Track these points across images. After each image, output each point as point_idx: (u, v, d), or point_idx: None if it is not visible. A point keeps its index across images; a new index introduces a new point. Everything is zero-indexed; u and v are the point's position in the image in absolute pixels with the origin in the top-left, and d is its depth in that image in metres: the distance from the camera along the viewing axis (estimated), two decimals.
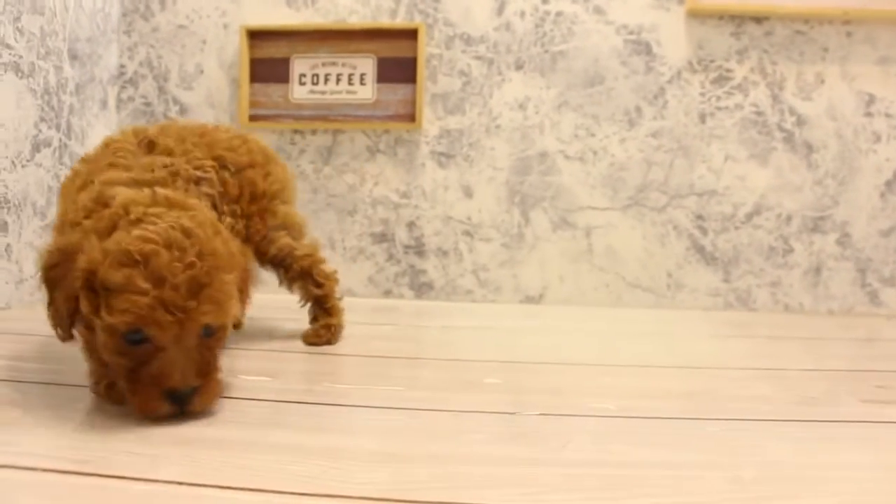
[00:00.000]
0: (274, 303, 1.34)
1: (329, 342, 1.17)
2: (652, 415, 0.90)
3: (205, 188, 0.99)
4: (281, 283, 1.20)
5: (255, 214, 1.12)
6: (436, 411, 0.89)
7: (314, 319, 1.21)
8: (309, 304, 1.21)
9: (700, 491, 0.68)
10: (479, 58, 1.67)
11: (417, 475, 0.69)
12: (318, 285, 1.19)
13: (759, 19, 1.62)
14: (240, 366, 1.05)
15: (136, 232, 0.73)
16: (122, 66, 1.78)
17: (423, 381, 1.03)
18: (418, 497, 0.64)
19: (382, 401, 0.92)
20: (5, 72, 1.39)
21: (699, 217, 1.66)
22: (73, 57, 1.61)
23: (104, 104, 1.74)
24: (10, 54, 1.40)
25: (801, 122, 1.63)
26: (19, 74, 1.43)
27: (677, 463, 0.74)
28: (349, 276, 1.71)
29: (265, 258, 1.17)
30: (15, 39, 1.41)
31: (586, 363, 1.16)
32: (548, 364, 1.14)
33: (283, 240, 1.17)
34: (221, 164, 1.06)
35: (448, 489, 0.66)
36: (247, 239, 1.10)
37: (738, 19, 1.63)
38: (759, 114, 1.64)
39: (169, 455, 0.70)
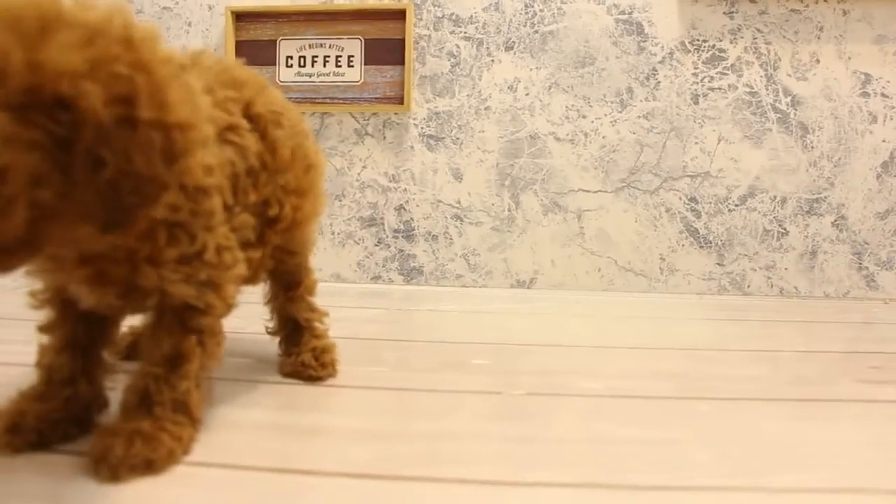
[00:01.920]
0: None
1: (333, 373, 0.92)
2: (641, 394, 0.88)
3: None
4: (275, 299, 0.94)
5: (309, 191, 0.84)
6: (422, 391, 0.87)
7: (294, 345, 0.93)
8: (285, 333, 0.95)
9: (688, 466, 0.66)
10: (468, 38, 1.64)
11: (402, 451, 0.68)
12: (314, 311, 0.96)
13: None
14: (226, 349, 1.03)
15: None
16: None
17: (411, 362, 1.01)
18: (402, 473, 0.63)
19: (368, 381, 0.90)
20: None
21: (692, 199, 1.63)
22: None
23: None
24: None
25: (795, 102, 1.60)
26: None
27: (665, 440, 0.72)
28: (337, 261, 1.69)
29: (290, 261, 0.91)
30: None
31: (576, 345, 1.14)
32: (537, 346, 1.12)
33: (310, 245, 0.95)
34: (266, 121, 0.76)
35: (432, 465, 0.65)
36: (292, 226, 0.81)
37: None
38: (752, 94, 1.61)
39: None
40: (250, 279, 0.79)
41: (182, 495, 0.58)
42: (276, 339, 0.96)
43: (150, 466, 0.60)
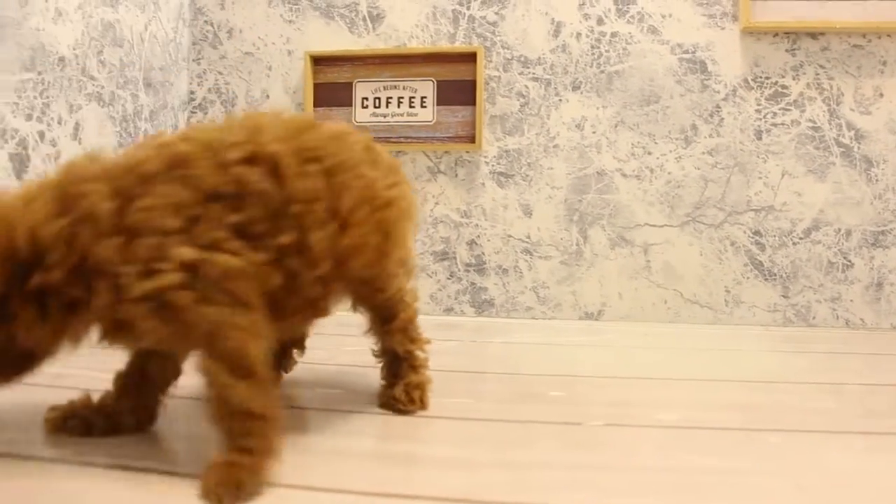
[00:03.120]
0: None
1: (424, 406, 0.95)
2: (714, 425, 0.92)
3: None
4: (373, 332, 0.98)
5: (366, 223, 0.82)
6: (506, 422, 0.92)
7: (393, 376, 0.98)
8: (385, 362, 0.99)
9: (764, 497, 0.70)
10: (536, 79, 1.71)
11: (496, 479, 0.73)
12: (413, 341, 0.98)
13: (814, 35, 1.63)
14: (313, 380, 1.10)
15: None
16: (192, 92, 1.85)
17: (492, 394, 1.07)
18: (491, 498, 0.68)
19: (456, 413, 0.95)
20: (89, 101, 1.47)
21: (756, 233, 1.67)
22: (148, 85, 1.69)
23: (176, 129, 1.81)
24: (93, 85, 1.48)
25: (859, 136, 1.63)
26: (101, 103, 1.50)
27: (741, 470, 0.77)
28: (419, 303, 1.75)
29: (378, 297, 0.94)
30: (98, 71, 1.49)
31: (647, 377, 1.18)
32: (608, 378, 1.17)
33: (401, 279, 0.96)
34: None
35: (520, 492, 0.70)
36: (337, 254, 0.79)
37: (793, 35, 1.64)
38: (815, 129, 1.64)
39: None
40: (305, 309, 0.81)
41: None
42: (368, 370, 1.02)
43: (240, 487, 0.65)
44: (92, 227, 0.67)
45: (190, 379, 0.74)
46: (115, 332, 0.69)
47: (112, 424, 0.82)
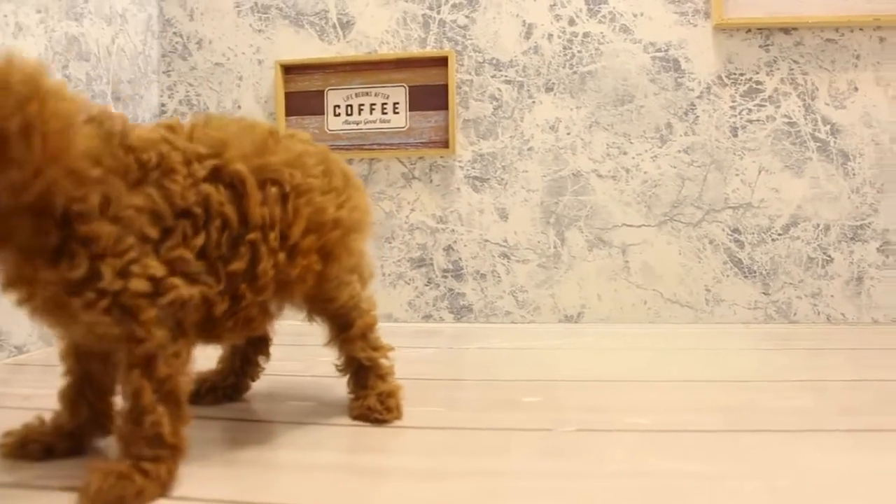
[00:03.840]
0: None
1: (399, 414, 0.95)
2: (689, 428, 0.91)
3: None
4: (331, 341, 0.98)
5: (312, 251, 0.84)
6: (477, 430, 0.91)
7: (362, 387, 0.97)
8: (350, 373, 0.99)
9: (737, 500, 0.69)
10: (508, 82, 1.69)
11: (465, 489, 0.72)
12: (376, 349, 0.99)
13: (787, 30, 1.62)
14: (284, 393, 1.08)
15: None
16: (163, 104, 1.83)
17: (463, 401, 1.05)
18: None
19: (426, 422, 0.94)
20: None
21: (735, 230, 1.66)
22: (117, 98, 1.66)
23: None
24: None
25: (835, 130, 1.63)
26: None
27: (713, 474, 0.75)
28: (389, 302, 1.74)
29: (330, 307, 0.95)
30: None
31: (625, 380, 1.17)
32: (586, 382, 1.16)
33: (354, 286, 0.96)
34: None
35: (489, 502, 0.68)
36: (283, 282, 0.82)
37: (766, 31, 1.63)
38: (791, 124, 1.64)
39: (221, 475, 0.74)
40: (240, 327, 0.81)
41: None
42: (343, 380, 1.00)
43: (120, 502, 0.65)
44: (104, 196, 0.67)
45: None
46: (60, 307, 0.68)
47: (73, 443, 0.81)
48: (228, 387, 1.03)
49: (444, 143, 1.70)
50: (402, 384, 0.99)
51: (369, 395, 0.96)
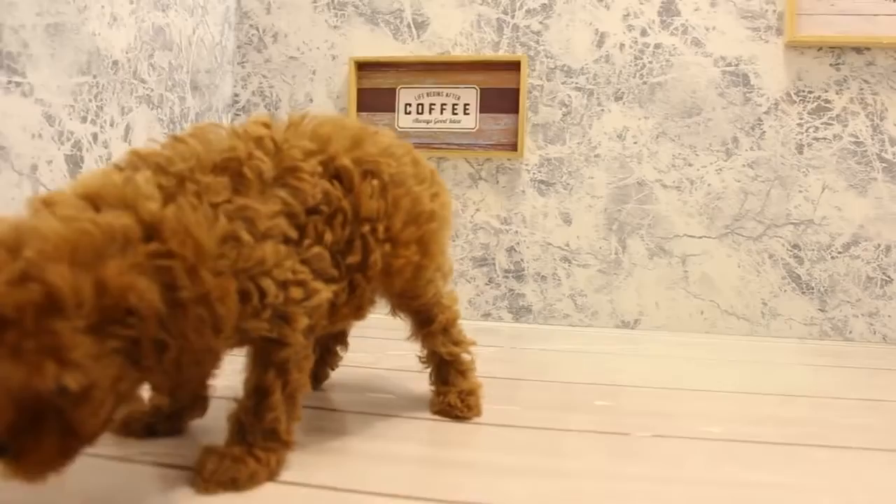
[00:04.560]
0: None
1: (479, 412, 0.99)
2: (760, 439, 0.94)
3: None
4: (414, 336, 1.01)
5: (412, 242, 0.87)
6: (556, 430, 0.95)
7: (443, 383, 1.01)
8: (432, 367, 1.02)
9: None
10: (579, 89, 1.72)
11: (553, 488, 0.75)
12: (457, 343, 1.01)
13: (860, 49, 1.63)
14: (359, 384, 1.12)
15: None
16: (237, 95, 1.88)
17: (537, 401, 1.09)
18: None
19: (502, 419, 0.98)
20: (140, 104, 1.50)
21: (795, 246, 1.68)
22: (195, 88, 1.71)
23: None
24: (144, 88, 1.51)
25: None
26: (150, 106, 1.53)
27: (790, 486, 0.79)
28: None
29: (414, 303, 0.97)
30: (148, 74, 1.52)
31: (688, 388, 1.20)
32: (650, 388, 1.19)
33: (437, 282, 0.97)
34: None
35: (573, 501, 0.72)
36: (385, 273, 0.84)
37: (837, 50, 1.64)
38: (857, 144, 1.65)
39: (319, 462, 0.79)
40: (349, 315, 0.86)
41: None
42: (415, 375, 1.04)
43: (233, 483, 0.70)
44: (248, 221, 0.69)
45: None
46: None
47: (173, 424, 0.86)
48: (310, 375, 1.07)
49: (513, 146, 1.73)
50: (482, 382, 1.03)
51: (450, 391, 0.99)
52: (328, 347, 1.09)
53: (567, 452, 0.87)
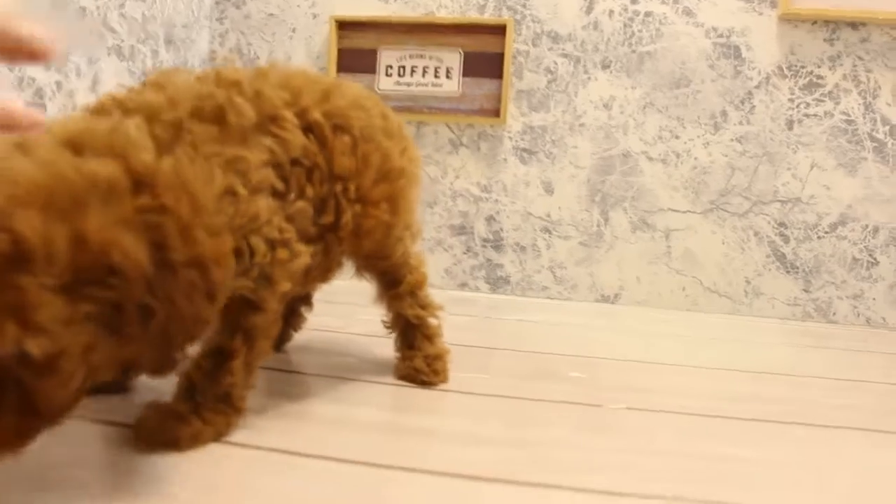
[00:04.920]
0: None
1: (446, 378, 0.95)
2: (737, 415, 0.90)
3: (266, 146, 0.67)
4: (380, 298, 0.96)
5: (382, 201, 0.82)
6: (525, 399, 0.91)
7: (409, 347, 0.96)
8: (398, 331, 0.98)
9: (788, 489, 0.68)
10: (565, 55, 1.67)
11: (513, 456, 0.72)
12: (424, 307, 0.97)
13: (855, 25, 1.59)
14: (325, 348, 1.08)
15: None
16: (213, 51, 1.82)
17: (507, 370, 1.05)
18: (507, 476, 0.66)
19: (468, 387, 0.93)
20: (109, 54, 1.44)
21: (781, 224, 1.64)
22: (169, 42, 1.65)
23: None
24: (113, 38, 1.45)
25: (894, 131, 1.59)
26: (121, 57, 1.47)
27: (763, 461, 0.75)
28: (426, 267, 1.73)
29: (382, 264, 0.93)
30: (119, 24, 1.46)
31: (666, 363, 1.16)
32: (627, 362, 1.15)
33: (406, 242, 0.93)
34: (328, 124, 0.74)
35: (535, 471, 0.68)
36: (355, 234, 0.79)
37: (832, 24, 1.60)
38: (849, 122, 1.61)
39: (273, 426, 0.74)
40: (318, 278, 0.83)
41: (262, 480, 0.62)
42: (381, 340, 1.00)
43: (175, 443, 0.65)
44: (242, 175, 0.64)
45: None
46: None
47: (118, 381, 0.80)
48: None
49: (495, 113, 1.68)
50: (450, 348, 0.98)
51: (416, 356, 0.95)
52: (293, 308, 1.04)
53: (535, 422, 0.83)
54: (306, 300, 1.05)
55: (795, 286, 1.64)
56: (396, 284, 0.94)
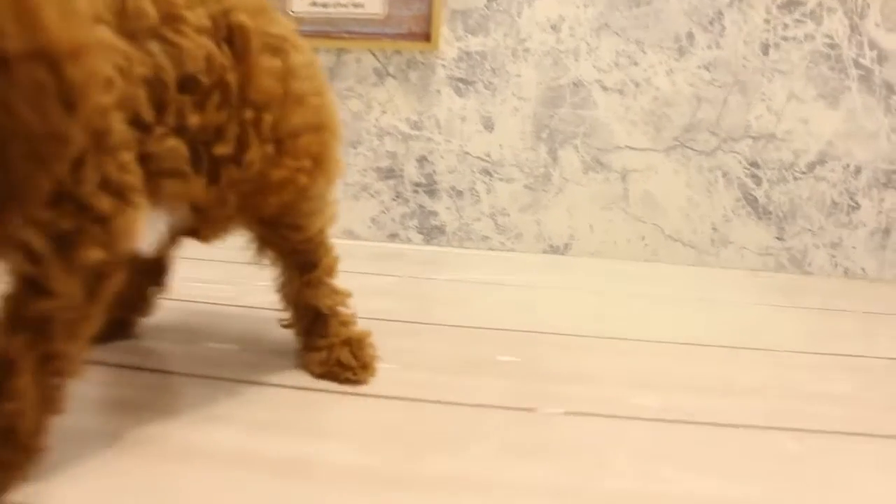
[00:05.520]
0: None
1: (374, 373, 0.76)
2: (708, 419, 0.71)
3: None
4: (289, 284, 0.78)
5: (305, 155, 0.67)
6: (437, 404, 0.71)
7: (321, 336, 0.77)
8: (304, 323, 0.79)
9: None
10: None
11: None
12: (337, 293, 0.79)
13: None
14: (205, 329, 0.86)
15: None
16: None
17: (426, 357, 0.84)
18: None
19: (373, 387, 0.73)
20: None
21: (753, 164, 1.45)
22: None
23: None
24: None
25: (882, 57, 1.40)
26: None
27: (745, 499, 0.56)
28: (351, 216, 1.52)
29: (295, 237, 0.75)
30: None
31: (619, 337, 0.97)
32: (572, 336, 0.96)
33: (325, 216, 0.77)
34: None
35: None
36: (259, 184, 0.64)
37: None
38: (832, 46, 1.41)
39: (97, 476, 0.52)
40: (209, 232, 0.69)
41: None
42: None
43: None
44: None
45: None
46: None
47: None
48: (115, 321, 0.80)
49: (426, 37, 1.45)
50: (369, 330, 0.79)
51: (335, 345, 0.76)
52: (138, 289, 0.82)
53: (448, 443, 0.63)
54: (158, 278, 0.83)
55: (768, 234, 1.46)
56: (311, 268, 0.76)
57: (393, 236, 1.53)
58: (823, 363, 0.92)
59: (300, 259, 0.76)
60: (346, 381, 0.74)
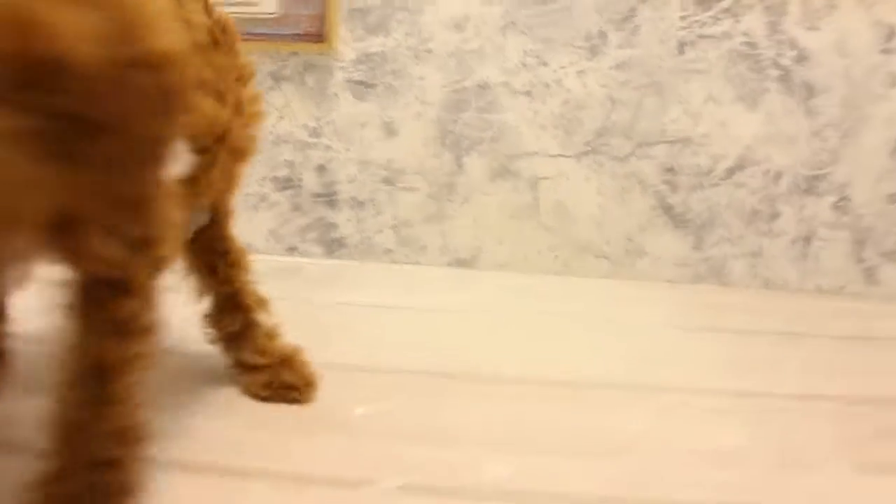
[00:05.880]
0: None
1: (316, 386, 0.78)
2: (558, 489, 0.64)
3: None
4: (217, 305, 0.77)
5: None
6: (257, 478, 0.63)
7: (259, 353, 0.77)
8: (231, 340, 0.78)
9: None
10: None
11: None
12: (261, 303, 0.80)
13: None
14: None
15: None
16: None
17: (255, 407, 0.77)
18: None
19: (158, 448, 0.65)
20: None
21: (669, 170, 1.40)
22: None
23: None
24: None
25: (802, 57, 1.34)
26: None
27: None
28: (249, 229, 1.43)
29: (215, 234, 0.77)
30: None
31: (500, 377, 0.90)
32: (450, 379, 0.89)
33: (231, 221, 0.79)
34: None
35: None
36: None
37: None
38: (750, 45, 1.35)
39: None
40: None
41: None
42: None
43: None
44: None
45: None
46: None
47: None
48: None
49: (323, 37, 1.37)
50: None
51: (273, 362, 0.76)
52: None
53: None
54: None
55: (685, 243, 1.41)
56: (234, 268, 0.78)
57: (292, 249, 1.46)
58: (721, 406, 0.86)
59: (222, 260, 0.78)
60: (294, 401, 0.75)
